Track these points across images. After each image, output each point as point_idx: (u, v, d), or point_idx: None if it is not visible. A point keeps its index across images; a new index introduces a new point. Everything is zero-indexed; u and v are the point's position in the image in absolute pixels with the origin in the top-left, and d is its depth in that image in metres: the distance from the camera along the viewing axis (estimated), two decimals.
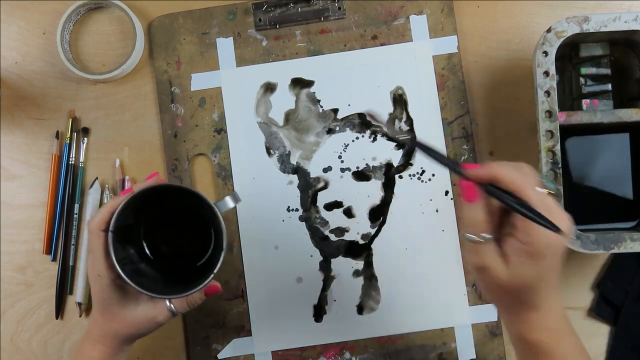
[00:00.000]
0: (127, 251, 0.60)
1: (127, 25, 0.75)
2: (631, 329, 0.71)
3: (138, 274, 0.59)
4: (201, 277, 0.58)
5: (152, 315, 0.59)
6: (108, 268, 0.57)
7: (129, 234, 0.60)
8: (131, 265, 0.59)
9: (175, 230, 0.64)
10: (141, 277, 0.59)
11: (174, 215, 0.64)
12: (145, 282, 0.58)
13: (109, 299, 0.58)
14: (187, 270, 0.64)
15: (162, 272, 0.63)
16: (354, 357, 0.72)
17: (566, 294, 0.72)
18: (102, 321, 0.59)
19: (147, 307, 0.59)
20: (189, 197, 0.58)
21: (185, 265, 0.64)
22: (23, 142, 0.75)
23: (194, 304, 0.61)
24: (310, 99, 0.73)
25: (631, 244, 0.64)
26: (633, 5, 0.74)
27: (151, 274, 0.62)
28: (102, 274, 0.57)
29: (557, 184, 0.64)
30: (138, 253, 0.62)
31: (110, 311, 0.59)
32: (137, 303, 0.59)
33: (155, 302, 0.60)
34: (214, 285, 0.62)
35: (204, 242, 0.63)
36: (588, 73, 0.69)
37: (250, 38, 0.74)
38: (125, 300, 0.59)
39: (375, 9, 0.74)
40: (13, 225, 0.74)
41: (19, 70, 0.75)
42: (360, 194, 0.73)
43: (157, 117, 0.75)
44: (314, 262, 0.72)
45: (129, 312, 0.59)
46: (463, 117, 0.73)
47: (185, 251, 0.64)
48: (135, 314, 0.59)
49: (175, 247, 0.64)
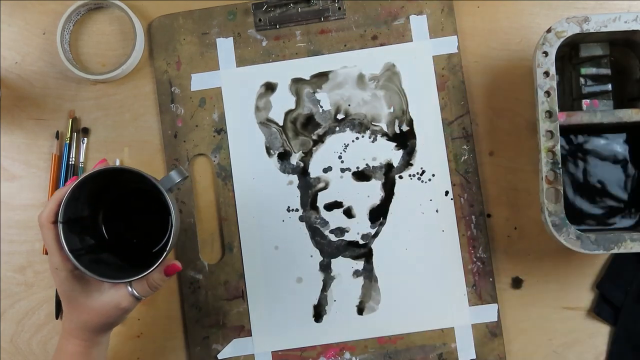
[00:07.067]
0: (85, 242, 0.60)
1: (127, 25, 0.75)
2: (631, 329, 0.71)
3: (98, 263, 0.59)
4: None
5: (117, 301, 0.59)
6: (64, 260, 0.57)
7: (86, 225, 0.60)
8: (90, 255, 0.59)
9: (135, 216, 0.64)
10: (101, 266, 0.59)
11: (133, 202, 0.64)
12: (106, 270, 0.59)
13: (70, 290, 0.58)
14: (150, 256, 0.63)
15: (125, 260, 0.63)
16: (354, 357, 0.72)
17: (566, 294, 0.73)
18: (70, 314, 0.60)
19: (110, 294, 0.59)
20: (138, 180, 0.58)
21: (148, 251, 0.64)
22: (23, 142, 0.75)
23: (156, 286, 0.61)
24: (310, 99, 0.73)
25: (631, 244, 0.64)
26: (633, 5, 0.74)
27: (114, 262, 0.62)
28: (59, 267, 0.58)
29: (558, 184, 0.64)
30: (99, 242, 0.62)
31: (75, 303, 0.59)
32: (100, 292, 0.59)
33: (117, 288, 0.60)
34: (172, 264, 0.62)
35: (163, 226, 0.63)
36: (588, 73, 0.69)
37: (250, 38, 0.74)
38: (87, 290, 0.59)
39: (375, 9, 0.74)
40: (13, 225, 0.74)
41: (19, 70, 0.75)
42: (360, 194, 0.73)
43: (157, 117, 0.75)
44: (314, 262, 0.72)
45: (94, 301, 0.59)
46: (463, 117, 0.73)
47: (147, 237, 0.64)
48: (99, 302, 0.59)
49: (136, 233, 0.64)
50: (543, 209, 0.65)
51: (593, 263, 0.73)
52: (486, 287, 0.72)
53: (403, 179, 0.73)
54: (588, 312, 0.73)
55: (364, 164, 0.73)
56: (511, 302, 0.73)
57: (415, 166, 0.73)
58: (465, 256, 0.72)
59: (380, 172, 0.73)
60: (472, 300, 0.72)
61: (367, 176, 0.73)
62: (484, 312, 0.71)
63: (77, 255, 0.56)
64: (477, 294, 0.72)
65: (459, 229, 0.72)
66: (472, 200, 0.72)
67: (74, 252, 0.56)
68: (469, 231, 0.72)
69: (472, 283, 0.72)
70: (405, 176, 0.73)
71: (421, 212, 0.72)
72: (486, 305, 0.72)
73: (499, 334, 0.71)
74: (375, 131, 0.73)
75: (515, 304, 0.73)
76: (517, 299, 0.73)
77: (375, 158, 0.73)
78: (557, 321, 0.72)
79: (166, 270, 0.61)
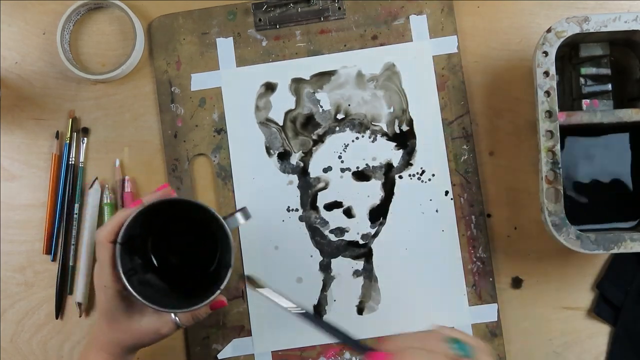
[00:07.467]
0: (133, 261, 0.60)
1: (127, 25, 0.75)
2: (631, 329, 0.71)
3: (143, 284, 0.59)
4: (207, 287, 0.57)
5: (157, 327, 0.59)
6: (115, 280, 0.57)
7: (135, 244, 0.59)
8: (137, 276, 0.59)
9: (182, 240, 0.64)
10: (146, 288, 0.59)
11: (181, 225, 0.63)
12: (151, 292, 0.58)
13: (114, 309, 0.58)
14: (193, 280, 0.63)
15: (168, 282, 0.63)
16: (354, 357, 0.72)
17: (566, 294, 0.73)
18: (108, 330, 0.59)
19: (152, 319, 0.59)
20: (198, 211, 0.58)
21: (192, 275, 0.64)
22: (23, 142, 0.75)
23: (200, 317, 0.61)
24: (310, 99, 0.73)
25: (631, 244, 0.64)
26: (633, 5, 0.74)
27: (157, 283, 0.62)
28: (108, 285, 0.57)
29: (558, 184, 0.64)
30: (144, 262, 0.62)
31: (115, 321, 0.59)
32: (142, 314, 0.59)
33: (161, 314, 0.60)
34: (219, 300, 0.62)
35: (211, 252, 0.63)
36: (588, 73, 0.69)
37: (250, 38, 0.74)
38: (130, 311, 0.59)
39: (375, 9, 0.74)
40: (13, 225, 0.74)
41: (19, 70, 0.75)
42: (360, 194, 0.73)
43: (157, 117, 0.75)
44: (314, 262, 0.72)
45: (134, 323, 0.59)
46: (463, 117, 0.73)
47: (192, 261, 0.64)
48: (140, 325, 0.59)
49: (182, 256, 0.64)
50: (543, 209, 0.65)
51: (593, 263, 0.73)
52: (486, 287, 0.72)
53: (403, 179, 0.73)
54: (588, 312, 0.73)
55: (364, 163, 0.73)
56: (511, 302, 0.73)
57: (415, 166, 0.73)
58: (465, 256, 0.72)
59: (380, 172, 0.73)
60: (472, 300, 0.72)
61: (367, 176, 0.73)
62: (484, 312, 0.71)
63: (127, 277, 0.56)
64: (477, 294, 0.72)
65: (458, 229, 0.72)
66: (472, 200, 0.72)
67: (125, 273, 0.56)
68: (469, 231, 0.72)
69: (472, 283, 0.72)
70: (405, 176, 0.73)
71: (421, 212, 0.72)
72: (486, 305, 0.72)
73: (498, 334, 0.71)
74: (375, 131, 0.73)
75: (515, 304, 0.73)
76: (517, 299, 0.73)
77: (375, 158, 0.73)
78: (557, 321, 0.72)
79: (212, 305, 0.62)
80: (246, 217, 0.60)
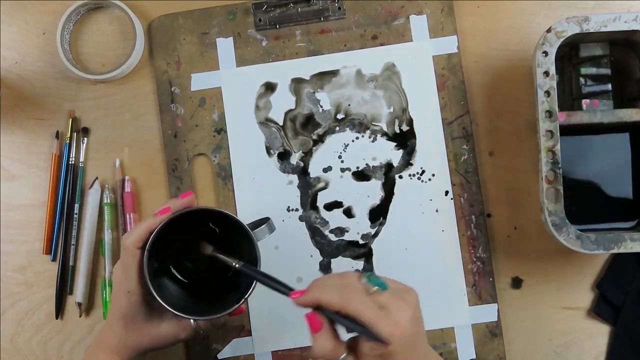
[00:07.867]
0: (152, 265, 0.60)
1: (127, 25, 0.75)
2: (631, 329, 0.71)
3: (162, 288, 0.59)
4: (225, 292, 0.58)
5: (176, 332, 0.60)
6: (139, 285, 0.57)
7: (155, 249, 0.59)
8: (156, 280, 0.59)
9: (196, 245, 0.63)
10: (166, 292, 0.59)
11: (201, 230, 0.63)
12: (170, 295, 0.58)
13: (135, 314, 0.58)
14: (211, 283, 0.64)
15: (186, 286, 0.63)
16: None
17: (566, 294, 0.73)
18: (124, 333, 0.59)
19: (172, 324, 0.60)
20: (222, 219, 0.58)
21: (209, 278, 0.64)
22: (23, 142, 0.75)
23: (217, 322, 0.61)
24: (310, 98, 0.73)
25: (631, 244, 0.64)
26: (633, 5, 0.74)
27: (175, 286, 0.62)
28: (132, 291, 0.57)
29: (558, 184, 0.64)
30: (161, 266, 0.62)
31: (134, 325, 0.59)
32: (162, 319, 0.59)
33: (180, 320, 0.60)
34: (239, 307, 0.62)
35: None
36: (588, 73, 0.69)
37: (250, 38, 0.74)
38: (150, 315, 0.59)
39: (375, 9, 0.74)
40: (13, 225, 0.74)
41: (19, 70, 0.75)
42: (360, 194, 0.73)
43: (157, 117, 0.75)
44: (314, 262, 0.72)
45: (153, 327, 0.59)
46: (463, 117, 0.73)
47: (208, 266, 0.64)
48: (159, 330, 0.59)
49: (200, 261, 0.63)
50: (543, 209, 0.65)
51: (593, 263, 0.73)
52: (486, 287, 0.72)
53: (403, 179, 0.73)
54: (588, 312, 0.73)
55: (364, 163, 0.73)
56: (511, 302, 0.73)
57: (415, 166, 0.73)
58: (465, 256, 0.72)
59: (380, 172, 0.73)
60: (472, 300, 0.72)
61: (367, 176, 0.73)
62: (484, 312, 0.71)
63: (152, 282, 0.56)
64: (477, 294, 0.72)
65: (459, 229, 0.72)
66: (472, 200, 0.72)
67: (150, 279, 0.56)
68: (469, 231, 0.72)
69: (472, 283, 0.72)
70: (405, 176, 0.73)
71: (421, 212, 0.72)
72: (486, 305, 0.72)
73: (498, 334, 0.71)
74: (375, 131, 0.73)
75: (515, 304, 0.73)
76: (517, 299, 0.73)
77: (375, 158, 0.73)
78: (557, 321, 0.72)
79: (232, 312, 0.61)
80: (271, 230, 0.61)
